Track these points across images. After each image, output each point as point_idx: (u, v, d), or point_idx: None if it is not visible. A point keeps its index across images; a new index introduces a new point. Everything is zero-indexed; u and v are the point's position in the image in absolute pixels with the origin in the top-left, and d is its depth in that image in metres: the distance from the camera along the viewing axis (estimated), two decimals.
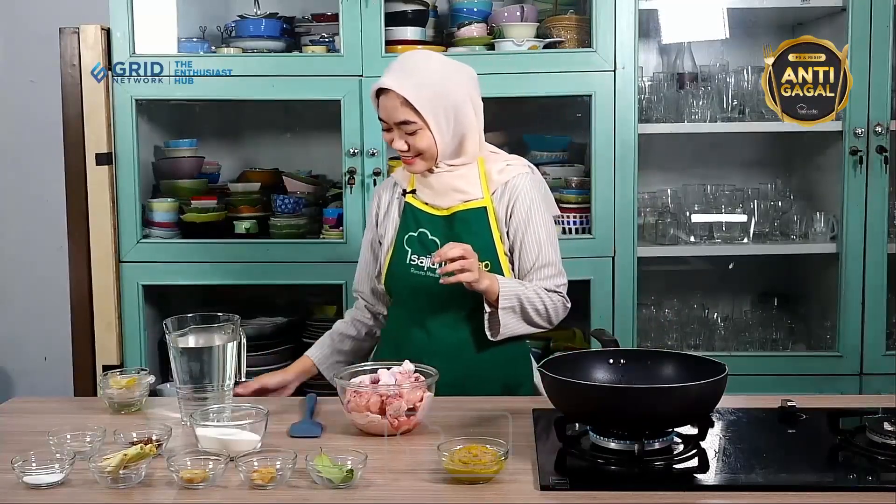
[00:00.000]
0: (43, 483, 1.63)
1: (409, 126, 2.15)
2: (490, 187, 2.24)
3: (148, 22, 3.02)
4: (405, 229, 2.27)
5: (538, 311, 2.19)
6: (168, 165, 3.26)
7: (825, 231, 3.15)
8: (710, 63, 3.27)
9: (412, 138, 2.17)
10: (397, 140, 2.18)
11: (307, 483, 1.63)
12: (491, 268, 2.21)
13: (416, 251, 2.25)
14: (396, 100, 2.14)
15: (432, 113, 2.14)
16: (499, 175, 2.25)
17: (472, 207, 2.23)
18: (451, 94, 2.17)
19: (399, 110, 2.14)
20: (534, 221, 2.23)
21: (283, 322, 3.30)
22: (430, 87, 2.15)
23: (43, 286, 3.57)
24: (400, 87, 2.13)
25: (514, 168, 2.27)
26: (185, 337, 2.01)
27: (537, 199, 2.25)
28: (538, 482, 1.62)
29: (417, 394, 1.88)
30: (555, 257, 2.25)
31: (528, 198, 2.23)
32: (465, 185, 2.23)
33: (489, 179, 2.24)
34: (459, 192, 2.23)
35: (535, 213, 2.23)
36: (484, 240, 2.21)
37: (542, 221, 2.24)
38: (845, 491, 1.60)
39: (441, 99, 2.15)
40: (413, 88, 2.13)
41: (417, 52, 2.30)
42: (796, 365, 3.12)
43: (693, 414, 1.75)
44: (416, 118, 2.14)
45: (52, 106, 3.11)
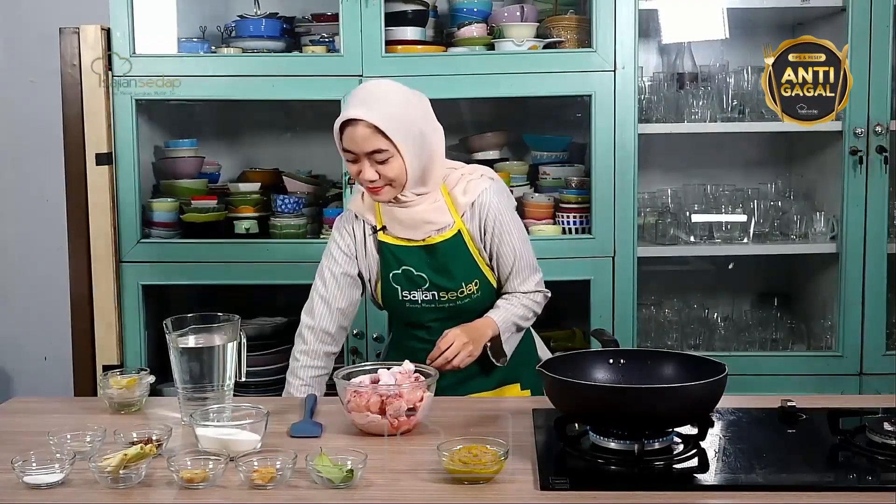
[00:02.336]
0: (43, 483, 1.63)
1: (381, 154, 2.11)
2: (458, 210, 2.24)
3: (148, 22, 3.02)
4: (387, 267, 2.27)
5: (527, 319, 2.31)
6: (168, 165, 3.27)
7: (825, 231, 3.14)
8: (710, 63, 3.27)
9: (382, 167, 2.13)
10: (367, 170, 2.13)
11: (307, 483, 1.63)
12: (480, 285, 2.26)
13: (405, 288, 2.27)
14: (367, 129, 2.10)
15: (403, 139, 2.12)
16: (464, 197, 2.24)
17: (448, 237, 2.23)
18: (417, 119, 2.16)
19: (370, 139, 2.10)
20: (507, 230, 2.26)
21: (283, 322, 3.30)
22: (398, 113, 2.13)
23: (43, 286, 3.57)
24: (370, 116, 2.09)
25: (476, 183, 2.26)
26: (185, 337, 2.01)
27: (504, 207, 2.27)
28: (538, 482, 1.62)
29: (417, 394, 1.88)
30: (529, 257, 2.30)
31: (496, 210, 2.25)
32: (434, 216, 2.23)
33: (456, 203, 2.24)
34: (430, 224, 2.23)
35: (506, 222, 2.26)
36: (467, 263, 2.25)
37: (514, 227, 2.28)
38: (845, 491, 1.60)
39: (409, 125, 2.14)
40: (383, 116, 2.10)
41: (378, 82, 2.23)
42: (796, 365, 3.12)
43: (693, 414, 1.75)
44: (387, 145, 2.11)
45: (52, 106, 3.11)
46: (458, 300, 2.26)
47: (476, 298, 2.26)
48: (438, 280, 2.24)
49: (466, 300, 2.26)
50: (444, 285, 2.24)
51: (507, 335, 2.26)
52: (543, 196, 3.21)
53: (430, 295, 2.26)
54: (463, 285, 2.25)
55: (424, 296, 2.26)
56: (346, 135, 2.13)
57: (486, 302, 2.28)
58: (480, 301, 2.27)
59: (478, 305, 2.27)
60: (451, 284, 2.24)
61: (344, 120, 2.12)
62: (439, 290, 2.25)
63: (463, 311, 2.26)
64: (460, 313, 2.26)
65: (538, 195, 3.22)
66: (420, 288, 2.25)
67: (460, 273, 2.24)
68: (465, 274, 2.25)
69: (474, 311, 2.27)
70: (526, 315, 2.29)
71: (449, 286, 2.24)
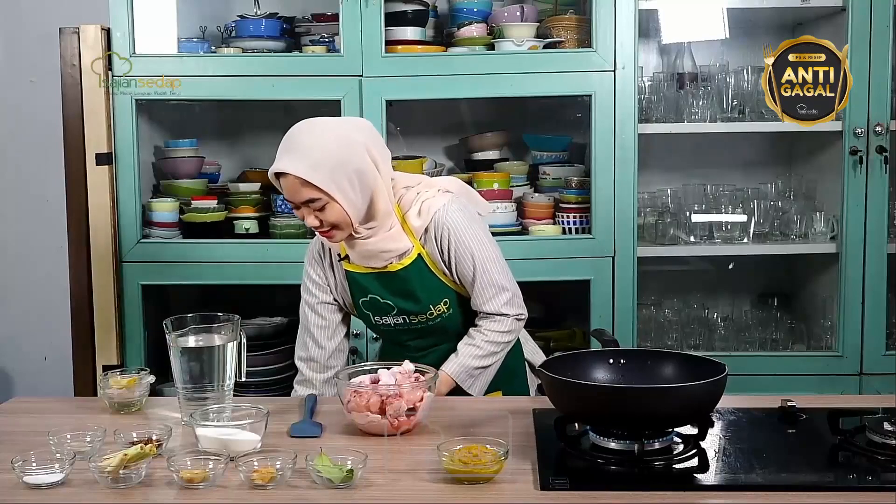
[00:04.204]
0: (43, 483, 1.63)
1: (316, 203, 2.07)
2: (415, 234, 2.18)
3: (148, 22, 3.02)
4: (356, 295, 2.26)
5: (493, 354, 2.22)
6: (168, 165, 3.27)
7: (825, 231, 3.15)
8: (710, 63, 3.27)
9: (322, 213, 2.08)
10: (308, 217, 2.10)
11: (307, 483, 1.63)
12: (450, 304, 2.23)
13: (376, 313, 2.27)
14: (297, 181, 2.05)
15: (335, 185, 2.05)
16: (418, 220, 2.17)
17: (407, 263, 2.19)
18: (351, 159, 2.07)
19: (301, 191, 2.05)
20: (464, 246, 2.17)
21: (283, 322, 3.30)
22: (327, 160, 2.05)
23: (43, 286, 3.57)
24: (296, 170, 2.04)
25: (430, 203, 2.18)
26: (185, 337, 2.01)
27: (462, 223, 2.17)
28: (538, 482, 1.62)
29: (417, 394, 1.88)
30: (493, 273, 2.19)
31: (451, 228, 2.16)
32: (390, 244, 2.17)
33: (412, 228, 2.18)
34: (388, 252, 2.18)
35: (463, 238, 2.17)
36: (432, 286, 2.21)
37: (474, 242, 2.17)
38: (845, 491, 1.60)
39: (341, 168, 2.05)
40: (310, 168, 2.03)
41: (307, 125, 2.12)
42: (796, 365, 3.12)
43: (693, 414, 1.75)
44: (319, 195, 2.05)
45: (52, 106, 3.11)
46: (428, 321, 2.24)
47: (449, 316, 2.24)
48: (405, 305, 2.22)
49: (438, 320, 2.24)
50: (411, 309, 2.22)
51: (470, 381, 2.20)
52: (543, 196, 3.21)
53: (400, 319, 2.24)
54: (431, 307, 2.22)
55: (395, 320, 2.25)
56: (281, 184, 2.10)
57: (463, 317, 2.25)
58: (454, 318, 2.25)
59: (452, 322, 2.25)
60: (418, 308, 2.22)
61: (276, 172, 2.08)
62: (408, 315, 2.23)
63: (437, 329, 2.25)
64: (435, 331, 2.26)
65: (538, 195, 3.22)
66: (389, 314, 2.24)
67: (426, 296, 2.21)
68: (432, 296, 2.21)
69: (450, 329, 2.25)
70: (487, 353, 2.20)
71: (416, 310, 2.22)
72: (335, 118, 2.28)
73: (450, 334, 2.26)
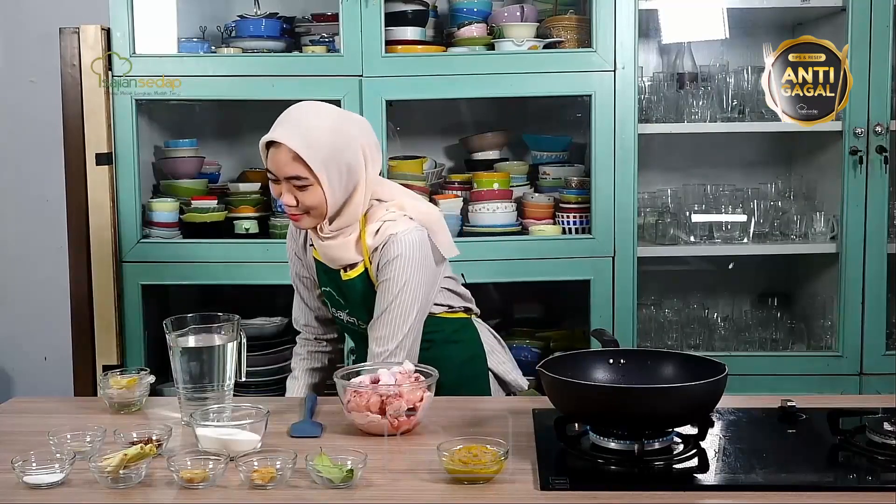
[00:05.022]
0: (43, 483, 1.63)
1: (300, 181, 2.05)
2: (368, 250, 2.15)
3: (148, 22, 3.02)
4: (320, 282, 2.28)
5: None
6: (168, 165, 3.27)
7: (825, 231, 3.15)
8: (710, 63, 3.27)
9: (301, 194, 2.06)
10: (286, 195, 2.08)
11: (307, 483, 1.63)
12: None
13: (332, 305, 2.28)
14: (288, 154, 2.03)
15: (325, 170, 2.04)
16: (373, 238, 2.13)
17: (357, 274, 2.17)
18: (345, 150, 2.06)
19: (290, 165, 2.04)
20: (393, 280, 2.10)
21: (283, 322, 3.29)
22: (324, 144, 2.04)
23: (43, 286, 3.57)
24: (292, 142, 2.03)
25: (390, 225, 2.12)
26: (185, 337, 2.01)
27: (406, 260, 2.10)
28: (538, 482, 1.62)
29: (417, 394, 1.88)
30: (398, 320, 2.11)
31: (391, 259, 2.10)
32: (343, 253, 2.15)
33: (366, 243, 2.14)
34: (339, 260, 2.17)
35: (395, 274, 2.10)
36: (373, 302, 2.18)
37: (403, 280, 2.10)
38: (845, 491, 1.60)
39: (335, 155, 2.05)
40: (306, 146, 2.02)
41: (310, 105, 2.14)
42: (796, 365, 3.12)
43: (693, 414, 1.75)
44: (307, 174, 2.04)
45: (52, 106, 3.11)
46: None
47: None
48: (353, 310, 2.23)
49: None
50: (358, 315, 2.23)
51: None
52: (543, 196, 3.21)
53: (351, 318, 2.25)
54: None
55: (347, 318, 2.26)
56: (269, 154, 2.08)
57: None
58: None
59: None
60: (363, 317, 2.21)
61: (268, 140, 2.07)
62: (357, 318, 2.24)
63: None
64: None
65: (538, 195, 3.22)
66: (342, 310, 2.26)
67: (368, 310, 2.18)
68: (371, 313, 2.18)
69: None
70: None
71: (363, 318, 2.21)
72: (339, 108, 2.27)
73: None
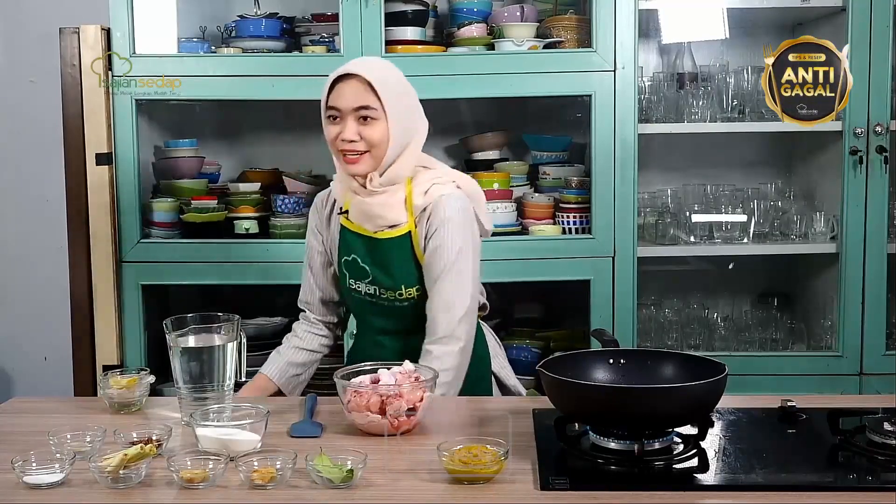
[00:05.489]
0: (43, 483, 1.63)
1: (368, 111, 2.10)
2: (414, 211, 2.18)
3: (148, 22, 3.03)
4: (342, 252, 2.27)
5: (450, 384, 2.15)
6: (168, 165, 3.27)
7: (825, 231, 3.15)
8: (710, 63, 3.27)
9: (366, 128, 2.11)
10: (348, 130, 2.11)
11: (307, 483, 1.63)
12: (420, 292, 2.21)
13: (351, 275, 2.27)
14: (360, 84, 2.10)
15: (393, 104, 2.11)
16: (422, 198, 2.17)
17: (396, 235, 2.19)
18: (409, 98, 2.18)
19: (361, 95, 2.10)
20: (446, 244, 2.14)
21: (283, 322, 3.29)
22: (395, 83, 2.15)
23: (43, 286, 3.57)
24: (367, 73, 2.11)
25: (439, 188, 2.18)
26: (185, 337, 2.01)
27: (456, 220, 2.15)
28: (538, 482, 1.62)
29: (417, 394, 1.88)
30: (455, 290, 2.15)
31: (444, 218, 2.15)
32: (388, 212, 2.18)
33: (413, 203, 2.18)
34: (381, 218, 2.19)
35: (448, 234, 2.14)
36: (408, 267, 2.20)
37: (455, 248, 2.14)
38: (845, 491, 1.60)
39: (402, 97, 2.15)
40: (379, 77, 2.11)
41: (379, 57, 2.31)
42: (796, 365, 3.12)
43: (693, 414, 1.74)
44: (377, 105, 2.10)
45: (52, 106, 3.11)
46: (395, 301, 2.23)
47: (416, 304, 2.22)
48: (378, 276, 2.22)
49: (406, 304, 2.23)
50: (383, 282, 2.22)
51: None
52: (543, 196, 3.21)
53: (371, 289, 2.24)
54: (402, 288, 2.21)
55: (367, 289, 2.24)
56: (335, 91, 2.13)
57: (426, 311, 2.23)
58: (419, 308, 2.22)
59: (419, 311, 2.22)
60: (390, 283, 2.22)
61: (339, 74, 2.13)
62: (379, 287, 2.23)
63: (404, 313, 2.24)
64: (401, 316, 2.24)
65: (538, 195, 3.22)
66: (363, 280, 2.24)
67: (400, 274, 2.20)
68: (405, 277, 2.20)
69: (415, 316, 2.22)
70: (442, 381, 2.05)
71: (388, 284, 2.22)
72: None
73: (412, 325, 2.23)
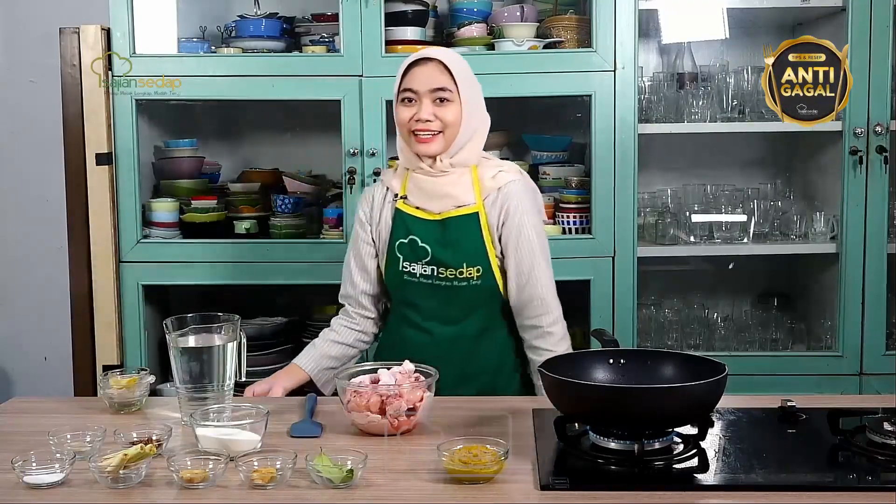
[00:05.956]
0: (43, 483, 1.63)
1: (444, 93, 2.21)
2: (482, 193, 2.27)
3: (148, 22, 3.02)
4: (396, 235, 2.29)
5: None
6: (168, 165, 3.27)
7: (825, 231, 3.14)
8: (710, 63, 3.27)
9: (441, 109, 2.21)
10: (424, 109, 2.20)
11: (307, 483, 1.63)
12: (482, 273, 2.25)
13: (407, 258, 2.28)
14: (437, 66, 2.21)
15: (467, 88, 2.23)
16: (492, 181, 2.27)
17: (465, 213, 2.26)
18: (478, 87, 2.30)
19: (438, 76, 2.21)
20: (525, 232, 2.26)
21: (283, 322, 3.30)
22: (467, 69, 2.27)
23: (43, 286, 3.57)
24: (446, 58, 2.23)
25: (507, 174, 2.29)
26: (185, 337, 2.01)
27: (529, 206, 2.28)
28: (538, 482, 1.62)
29: (417, 394, 1.88)
30: (546, 280, 2.28)
31: (520, 206, 2.26)
32: (457, 191, 2.26)
33: (482, 185, 2.27)
34: (451, 198, 2.26)
35: (526, 222, 2.26)
36: (476, 245, 2.25)
37: (535, 232, 2.27)
38: (845, 491, 1.60)
39: (473, 84, 2.27)
40: (455, 62, 2.24)
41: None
42: (796, 365, 3.12)
43: (693, 414, 1.75)
44: (452, 86, 2.21)
45: (52, 106, 3.11)
46: (455, 280, 2.25)
47: (474, 286, 2.26)
48: (441, 254, 2.25)
49: (464, 283, 2.25)
50: (444, 260, 2.25)
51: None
52: (543, 196, 3.20)
53: (429, 269, 2.26)
54: (464, 266, 2.25)
55: (423, 269, 2.26)
56: (410, 74, 2.24)
57: (484, 294, 2.27)
58: (478, 290, 2.26)
59: (474, 294, 2.26)
60: (453, 261, 2.24)
61: (417, 58, 2.23)
62: (439, 266, 2.25)
63: (459, 294, 2.26)
64: (455, 298, 2.26)
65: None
66: (421, 260, 2.26)
67: (465, 252, 2.24)
68: (470, 255, 2.25)
69: (469, 300, 2.27)
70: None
71: (449, 262, 2.24)
72: None
73: (464, 311, 2.27)
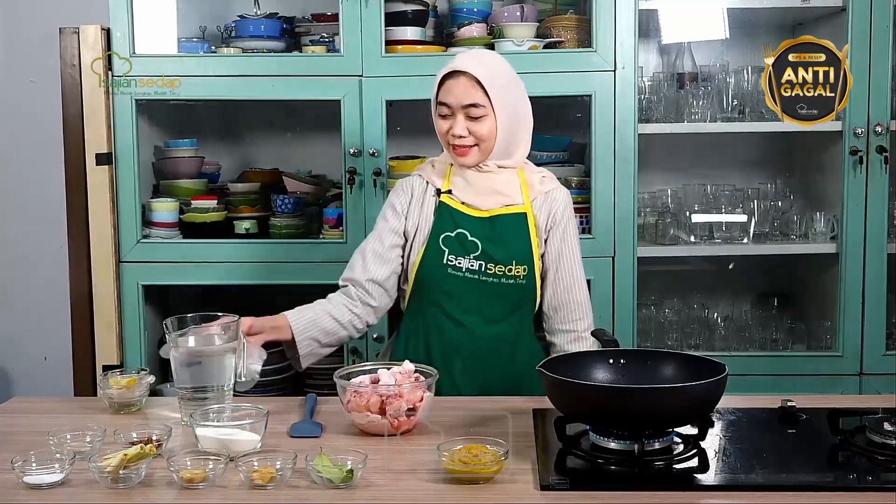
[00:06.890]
0: (43, 483, 1.64)
1: (476, 110, 2.20)
2: (530, 195, 2.29)
3: (148, 22, 3.02)
4: (441, 229, 2.28)
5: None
6: (168, 165, 3.27)
7: (825, 231, 3.14)
8: (710, 63, 3.27)
9: (474, 124, 2.21)
10: (458, 126, 2.21)
11: (307, 483, 1.63)
12: (527, 273, 2.27)
13: (454, 251, 2.27)
14: (469, 81, 2.20)
15: (501, 101, 2.21)
16: (540, 185, 2.31)
17: (514, 212, 2.28)
18: (516, 92, 2.27)
19: (470, 92, 2.20)
20: (570, 239, 2.32)
21: None
22: (502, 78, 2.24)
23: (43, 286, 3.57)
24: (476, 70, 2.20)
25: (551, 180, 2.34)
26: (185, 337, 2.01)
27: (572, 214, 2.35)
28: (538, 482, 1.62)
29: (417, 394, 1.88)
30: (585, 288, 2.35)
31: (566, 212, 2.32)
32: (507, 189, 2.29)
33: (530, 187, 2.30)
34: (501, 195, 2.28)
35: (571, 230, 2.32)
36: (524, 245, 2.27)
37: (577, 240, 2.34)
38: (845, 491, 1.60)
39: (510, 93, 2.25)
40: (488, 73, 2.21)
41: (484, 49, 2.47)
42: (796, 365, 3.12)
43: (693, 414, 1.75)
44: (485, 101, 2.20)
45: (52, 106, 3.11)
46: (503, 277, 2.25)
47: (520, 285, 2.27)
48: (491, 249, 2.25)
49: (511, 281, 2.26)
50: (495, 256, 2.25)
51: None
52: None
53: (476, 264, 2.25)
54: (513, 263, 2.26)
55: (471, 264, 2.26)
56: (445, 87, 2.23)
57: (526, 295, 2.29)
58: (522, 290, 2.28)
59: (518, 294, 2.28)
60: (503, 257, 2.25)
61: (449, 71, 2.22)
62: (488, 261, 2.25)
63: (504, 293, 2.26)
64: (500, 296, 2.27)
65: None
66: (469, 254, 2.26)
67: (514, 250, 2.26)
68: (518, 254, 2.26)
69: (513, 300, 2.28)
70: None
71: (500, 258, 2.25)
72: None
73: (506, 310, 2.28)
